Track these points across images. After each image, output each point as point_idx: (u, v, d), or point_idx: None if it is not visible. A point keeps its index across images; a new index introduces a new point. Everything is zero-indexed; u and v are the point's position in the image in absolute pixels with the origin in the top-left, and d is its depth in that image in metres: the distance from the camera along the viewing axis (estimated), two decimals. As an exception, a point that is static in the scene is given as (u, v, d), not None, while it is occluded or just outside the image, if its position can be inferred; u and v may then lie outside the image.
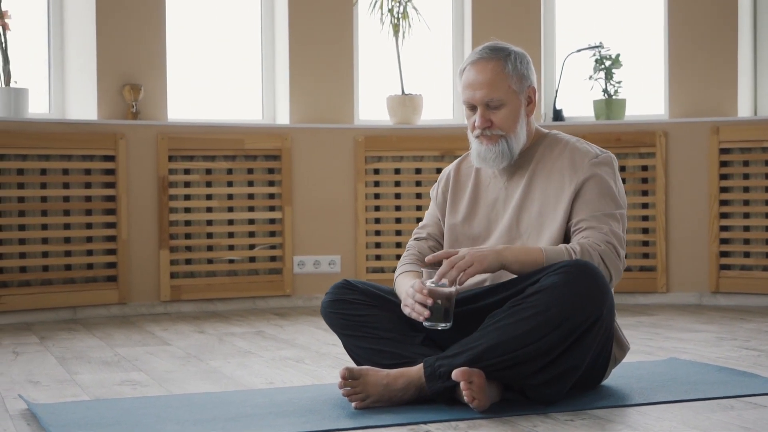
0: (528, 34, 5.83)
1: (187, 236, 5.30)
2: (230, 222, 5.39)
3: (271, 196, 5.45)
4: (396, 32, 5.73)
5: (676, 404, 2.76)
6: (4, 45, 5.10)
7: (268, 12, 5.77)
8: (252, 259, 5.42)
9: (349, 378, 2.72)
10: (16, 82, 5.14)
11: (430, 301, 2.70)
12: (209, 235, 5.34)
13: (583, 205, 2.87)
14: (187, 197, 5.30)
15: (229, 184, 5.38)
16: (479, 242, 2.99)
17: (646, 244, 5.49)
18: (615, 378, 3.08)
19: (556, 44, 6.00)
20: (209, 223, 5.35)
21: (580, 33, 5.96)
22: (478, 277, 2.88)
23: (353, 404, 2.72)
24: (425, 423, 2.56)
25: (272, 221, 5.45)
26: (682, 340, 4.07)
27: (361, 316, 2.95)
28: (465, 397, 2.63)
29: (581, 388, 2.89)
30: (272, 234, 5.46)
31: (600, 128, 5.54)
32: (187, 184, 5.30)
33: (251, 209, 5.42)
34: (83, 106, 5.35)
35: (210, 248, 5.35)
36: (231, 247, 5.39)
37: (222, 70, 5.77)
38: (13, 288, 4.90)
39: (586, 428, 2.51)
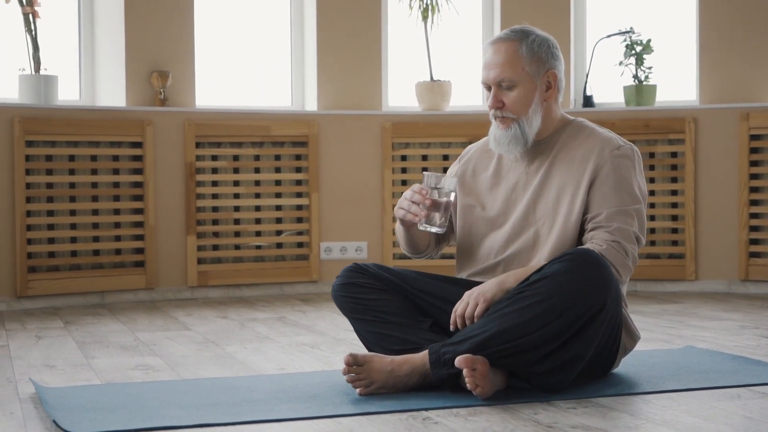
0: (557, 19, 5.80)
1: (215, 222, 5.34)
2: (257, 208, 5.42)
3: (298, 182, 5.47)
4: (425, 18, 5.72)
5: (682, 393, 2.74)
6: (33, 32, 5.15)
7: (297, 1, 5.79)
8: (279, 245, 5.45)
9: (353, 364, 2.72)
10: (45, 69, 5.19)
11: (428, 202, 2.78)
12: (236, 221, 5.38)
13: (598, 199, 2.84)
14: (215, 183, 5.33)
15: (257, 170, 5.40)
16: (496, 225, 2.98)
17: (675, 231, 5.44)
18: (626, 366, 3.06)
19: (586, 30, 5.95)
20: (236, 209, 5.37)
21: (610, 18, 5.91)
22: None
23: (357, 390, 2.73)
24: (426, 410, 2.56)
25: (299, 207, 5.47)
26: (704, 329, 4.03)
27: (371, 300, 2.96)
28: (468, 385, 2.62)
29: (589, 376, 2.88)
30: (299, 220, 5.48)
31: (628, 114, 5.49)
32: (214, 171, 5.33)
33: (278, 195, 5.44)
34: (112, 93, 5.39)
35: (237, 234, 5.38)
36: (258, 233, 5.42)
37: (250, 57, 5.79)
38: (42, 273, 4.96)
39: (587, 416, 2.49)
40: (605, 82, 5.89)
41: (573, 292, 2.61)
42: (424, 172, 2.89)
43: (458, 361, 2.62)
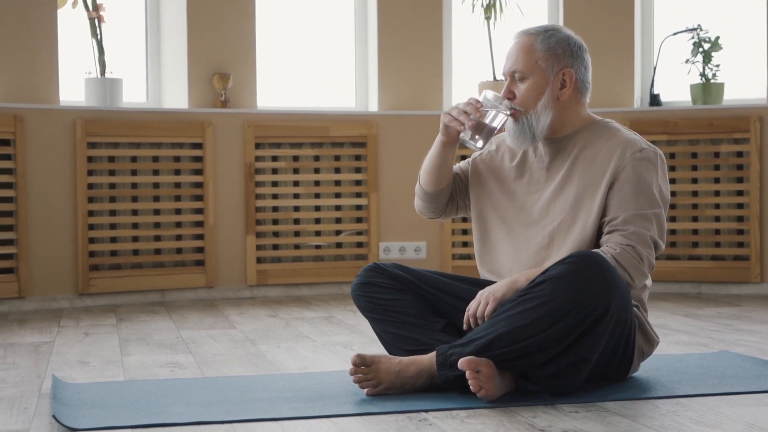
0: (621, 17, 5.72)
1: (275, 222, 5.40)
2: (317, 208, 5.47)
3: (358, 182, 5.50)
4: (487, 17, 5.70)
5: (694, 398, 2.69)
6: (99, 36, 5.28)
7: (361, 1, 5.81)
8: (338, 245, 5.49)
9: (360, 365, 2.74)
10: (111, 73, 5.32)
11: (476, 114, 2.80)
12: (296, 221, 5.43)
13: (617, 202, 2.80)
14: (275, 184, 5.40)
15: (316, 170, 5.45)
16: (510, 218, 2.97)
17: (740, 232, 5.32)
18: (649, 370, 3.02)
19: (654, 27, 5.86)
20: (296, 209, 5.43)
21: (678, 16, 5.81)
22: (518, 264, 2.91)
23: (365, 391, 2.75)
24: (426, 411, 2.56)
25: (358, 207, 5.50)
26: (751, 333, 3.94)
27: (387, 300, 2.97)
28: (471, 387, 2.62)
29: (606, 379, 2.85)
30: (358, 220, 5.51)
31: (691, 113, 5.39)
32: (274, 171, 5.39)
33: (338, 196, 5.48)
34: (176, 95, 5.50)
35: (297, 234, 5.43)
36: (318, 233, 5.47)
37: (312, 58, 5.83)
38: (104, 271, 5.08)
39: (585, 420, 2.47)
40: (672, 80, 5.79)
41: (575, 294, 2.58)
42: (485, 89, 2.89)
43: (461, 363, 2.62)
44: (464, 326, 2.82)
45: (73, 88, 5.39)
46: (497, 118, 2.84)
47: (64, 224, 4.99)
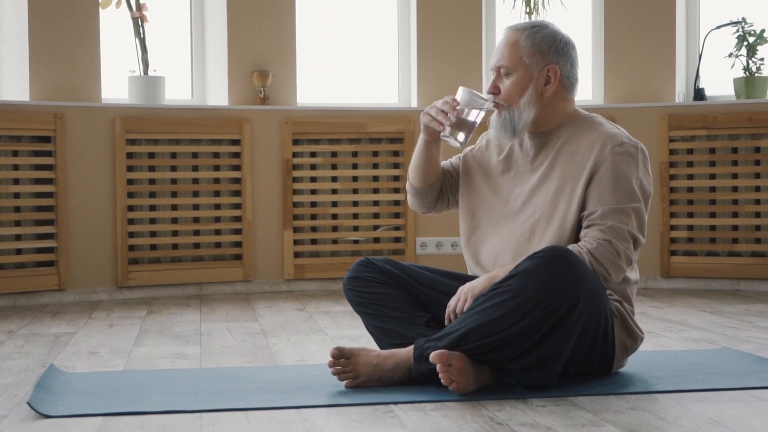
0: (662, 12, 5.66)
1: (313, 217, 5.47)
2: (355, 203, 5.52)
3: (395, 178, 5.54)
4: (528, 12, 5.69)
5: (669, 394, 2.69)
6: (142, 35, 5.41)
7: (404, -4, 5.86)
8: (376, 240, 5.54)
9: (339, 357, 2.79)
10: (155, 71, 5.44)
11: (455, 114, 2.83)
12: (334, 216, 5.50)
13: (595, 196, 2.82)
14: (313, 179, 5.47)
15: (354, 166, 5.50)
16: (495, 210, 2.99)
17: (781, 228, 5.24)
18: (638, 366, 3.02)
19: (699, 21, 5.79)
20: (334, 204, 5.49)
21: (721, 9, 5.73)
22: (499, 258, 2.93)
23: (344, 383, 2.79)
24: (396, 404, 2.60)
25: (396, 203, 5.55)
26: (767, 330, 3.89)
27: (374, 294, 3.02)
28: (442, 380, 2.65)
29: (587, 375, 2.85)
30: (396, 215, 5.55)
31: (730, 108, 5.32)
32: (312, 167, 5.46)
33: (375, 191, 5.53)
34: (218, 92, 5.60)
35: (335, 229, 5.50)
36: (355, 228, 5.52)
37: (352, 54, 5.89)
38: (144, 264, 5.21)
39: (548, 414, 2.48)
40: (715, 74, 5.71)
41: (543, 288, 2.60)
42: (460, 87, 2.93)
43: (432, 357, 2.65)
44: (446, 322, 2.85)
45: (118, 87, 5.53)
46: (473, 113, 2.87)
47: (104, 219, 5.13)
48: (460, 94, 2.88)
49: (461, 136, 2.89)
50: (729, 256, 5.31)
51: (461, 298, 2.81)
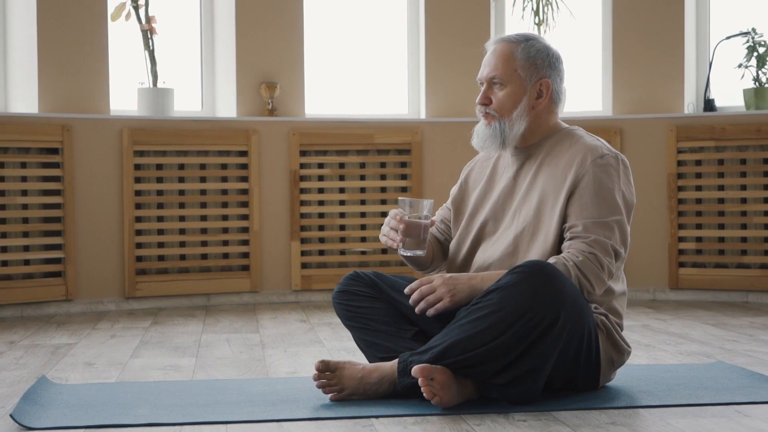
0: (671, 23, 5.64)
1: (320, 228, 5.49)
2: (362, 215, 5.54)
3: (403, 189, 5.55)
4: (537, 23, 5.69)
5: (654, 409, 2.68)
6: (151, 48, 5.45)
7: (413, 6, 5.86)
8: (383, 251, 5.54)
9: (324, 371, 2.80)
10: (164, 82, 5.48)
11: (402, 227, 2.83)
12: (341, 227, 5.51)
13: (577, 209, 2.81)
14: (321, 190, 5.48)
15: (362, 177, 5.52)
16: (485, 231, 2.99)
17: (789, 240, 5.21)
18: (626, 380, 3.00)
19: (709, 32, 5.77)
20: (342, 215, 5.51)
21: (731, 19, 5.71)
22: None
23: (329, 396, 2.80)
24: (377, 417, 2.60)
25: (403, 214, 5.54)
26: (767, 343, 3.86)
27: (362, 308, 3.03)
28: (424, 394, 2.65)
29: (573, 390, 2.84)
30: (403, 227, 5.55)
31: (738, 119, 5.29)
32: (320, 178, 5.48)
33: (383, 202, 5.54)
34: (227, 104, 5.63)
35: (342, 240, 5.51)
36: (363, 239, 5.54)
37: (360, 67, 5.91)
38: (151, 275, 5.24)
39: (528, 428, 2.48)
40: (725, 85, 5.69)
41: (522, 303, 2.60)
42: (399, 198, 2.95)
43: (414, 370, 2.65)
44: (411, 302, 2.82)
45: (127, 99, 5.57)
46: (421, 216, 2.85)
47: (111, 230, 5.16)
48: (400, 205, 2.88)
49: (416, 243, 2.87)
50: (738, 268, 5.28)
51: (437, 294, 2.78)
